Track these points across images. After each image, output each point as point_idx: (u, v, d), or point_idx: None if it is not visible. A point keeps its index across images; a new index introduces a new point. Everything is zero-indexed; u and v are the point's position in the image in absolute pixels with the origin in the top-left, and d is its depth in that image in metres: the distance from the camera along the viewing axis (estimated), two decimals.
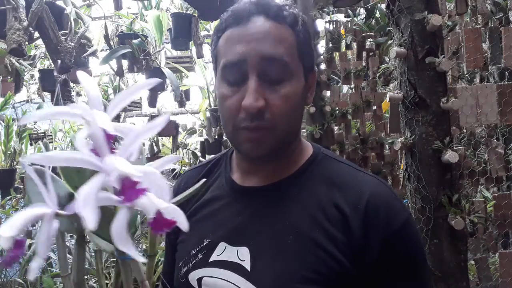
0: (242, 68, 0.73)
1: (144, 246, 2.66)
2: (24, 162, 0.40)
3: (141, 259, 0.42)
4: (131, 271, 0.49)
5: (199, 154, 4.28)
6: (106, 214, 0.42)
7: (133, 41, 2.81)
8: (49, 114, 0.43)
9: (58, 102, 3.09)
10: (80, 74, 0.45)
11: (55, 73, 2.73)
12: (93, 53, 2.83)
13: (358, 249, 0.71)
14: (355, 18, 3.23)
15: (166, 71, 3.07)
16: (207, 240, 0.80)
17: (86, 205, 0.39)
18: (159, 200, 0.42)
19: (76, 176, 0.48)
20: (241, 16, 0.75)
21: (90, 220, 0.38)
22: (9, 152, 3.90)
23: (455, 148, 1.58)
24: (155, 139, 3.99)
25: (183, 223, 0.44)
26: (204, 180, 0.58)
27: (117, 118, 3.64)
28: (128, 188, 0.38)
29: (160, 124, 0.43)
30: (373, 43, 3.14)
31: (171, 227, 0.42)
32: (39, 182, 0.44)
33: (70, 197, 0.49)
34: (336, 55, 3.11)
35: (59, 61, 2.49)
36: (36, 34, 2.42)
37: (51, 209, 0.43)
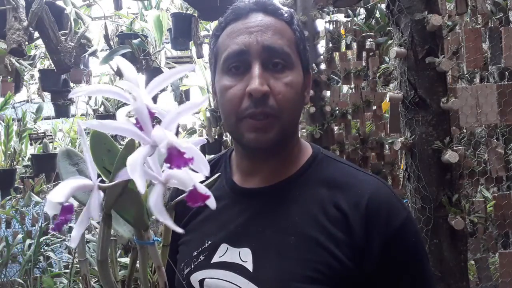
0: (245, 57, 0.75)
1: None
2: (82, 125, 0.44)
3: (178, 229, 0.44)
4: (148, 256, 0.51)
5: None
6: (131, 197, 0.45)
7: (133, 41, 2.81)
8: (97, 90, 0.47)
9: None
10: (119, 59, 0.48)
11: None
12: (93, 53, 2.83)
13: (360, 248, 0.71)
14: (355, 18, 3.23)
15: (166, 71, 3.06)
16: (209, 242, 0.80)
17: (135, 171, 0.41)
18: (195, 174, 0.45)
19: (106, 157, 0.51)
20: (241, 12, 0.78)
21: (140, 185, 0.41)
22: (9, 152, 3.90)
23: (455, 148, 1.58)
24: None
25: (212, 201, 0.47)
26: (218, 174, 0.60)
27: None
28: (176, 157, 0.41)
29: (200, 104, 0.46)
30: (373, 43, 3.14)
31: (205, 201, 0.45)
32: (87, 157, 0.47)
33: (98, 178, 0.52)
34: (336, 55, 3.11)
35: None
36: (36, 34, 2.41)
37: (94, 181, 0.46)
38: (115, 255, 0.58)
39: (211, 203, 0.47)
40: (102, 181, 0.48)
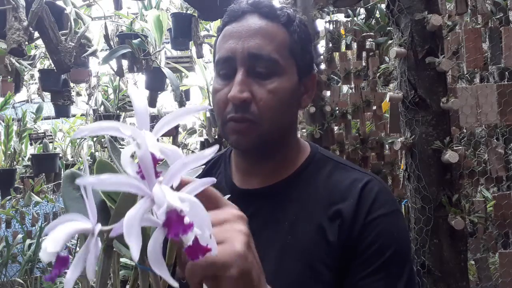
0: (232, 63, 0.75)
1: None
2: (81, 184, 0.40)
3: (174, 284, 0.40)
4: (149, 280, 0.49)
5: None
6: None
7: (133, 41, 2.81)
8: (99, 129, 0.42)
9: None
10: (131, 88, 0.43)
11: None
12: (93, 53, 2.83)
13: (354, 245, 0.72)
14: (355, 18, 3.23)
15: (166, 71, 3.06)
16: None
17: (131, 234, 0.38)
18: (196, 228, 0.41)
19: None
20: (236, 14, 0.78)
21: (135, 250, 0.37)
22: (9, 152, 3.90)
23: (455, 148, 1.58)
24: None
25: (215, 250, 0.43)
26: (222, 185, 0.60)
27: (117, 118, 3.64)
28: (175, 222, 0.38)
29: (208, 155, 0.42)
30: (373, 43, 3.14)
31: (205, 254, 0.41)
32: (86, 198, 0.43)
33: (102, 204, 0.50)
34: (336, 55, 3.11)
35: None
36: (36, 34, 2.41)
37: (93, 225, 0.42)
38: (118, 266, 0.57)
39: (214, 252, 0.43)
40: (104, 211, 0.45)
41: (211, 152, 0.42)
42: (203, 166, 0.58)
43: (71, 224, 0.40)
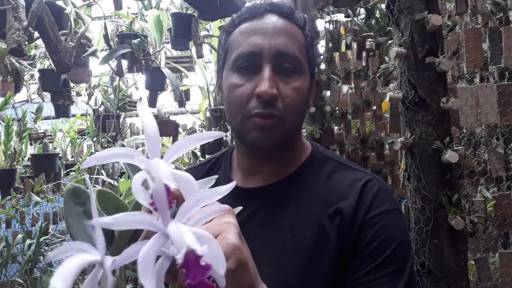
0: (257, 58, 0.76)
1: None
2: (96, 226, 0.39)
3: None
4: None
5: (199, 154, 4.27)
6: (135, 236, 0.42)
7: (133, 41, 2.80)
8: (111, 156, 0.41)
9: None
10: (142, 110, 0.40)
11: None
12: (93, 53, 2.83)
13: (352, 241, 0.72)
14: (355, 18, 3.23)
15: (166, 71, 3.06)
16: None
17: (147, 275, 0.37)
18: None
19: (115, 212, 0.47)
20: (257, 11, 0.80)
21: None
22: (9, 152, 3.90)
23: (455, 148, 1.58)
24: None
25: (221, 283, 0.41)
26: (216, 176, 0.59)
27: (117, 118, 3.64)
28: (193, 265, 0.36)
29: (224, 192, 0.42)
30: (373, 43, 3.13)
31: None
32: (97, 235, 0.41)
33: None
34: (336, 55, 3.10)
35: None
36: (36, 34, 2.41)
37: (102, 256, 0.40)
38: (124, 269, 0.57)
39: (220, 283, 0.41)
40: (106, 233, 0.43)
41: (227, 189, 0.41)
42: (216, 176, 0.58)
43: (79, 258, 0.39)
